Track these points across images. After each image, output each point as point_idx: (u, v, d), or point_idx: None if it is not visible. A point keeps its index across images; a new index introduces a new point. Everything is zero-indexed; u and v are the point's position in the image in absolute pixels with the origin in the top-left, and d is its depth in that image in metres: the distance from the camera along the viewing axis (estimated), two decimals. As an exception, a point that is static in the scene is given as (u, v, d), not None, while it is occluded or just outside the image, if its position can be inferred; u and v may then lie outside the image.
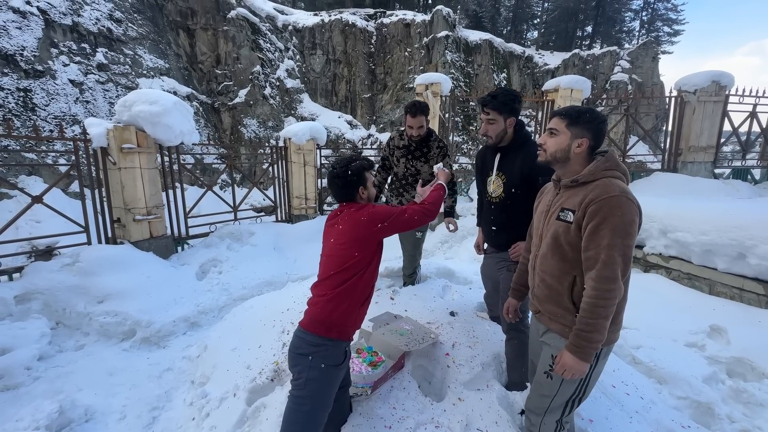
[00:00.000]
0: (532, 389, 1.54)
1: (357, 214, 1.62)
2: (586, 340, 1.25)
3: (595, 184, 1.31)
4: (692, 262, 3.88)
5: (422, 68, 13.98)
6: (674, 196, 4.81)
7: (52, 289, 3.13)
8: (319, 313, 1.54)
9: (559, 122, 1.40)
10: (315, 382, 1.49)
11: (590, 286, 1.26)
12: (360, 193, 1.70)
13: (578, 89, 6.23)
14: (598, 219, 1.25)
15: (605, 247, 1.23)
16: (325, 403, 1.53)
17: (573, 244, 1.34)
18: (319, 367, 1.49)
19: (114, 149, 3.78)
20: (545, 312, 1.47)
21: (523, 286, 1.79)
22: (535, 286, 1.53)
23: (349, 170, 1.67)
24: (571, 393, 1.41)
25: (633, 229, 1.24)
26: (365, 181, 1.71)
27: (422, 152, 2.72)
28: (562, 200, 1.40)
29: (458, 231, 5.95)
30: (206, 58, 12.16)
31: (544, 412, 1.46)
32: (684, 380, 2.52)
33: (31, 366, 2.61)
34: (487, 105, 1.92)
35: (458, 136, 13.09)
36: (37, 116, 7.53)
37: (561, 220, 1.38)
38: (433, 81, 6.33)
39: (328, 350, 1.51)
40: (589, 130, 1.35)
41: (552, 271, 1.42)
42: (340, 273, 1.54)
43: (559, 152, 1.39)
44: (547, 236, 1.43)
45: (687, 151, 6.46)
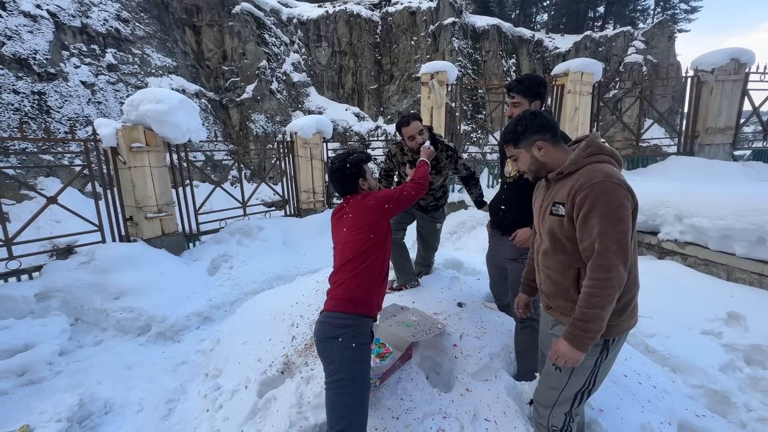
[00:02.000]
0: (541, 381, 1.53)
1: (363, 201, 1.72)
2: (580, 330, 1.24)
3: (580, 173, 1.30)
4: (709, 247, 3.77)
5: (429, 57, 13.76)
6: (690, 181, 4.66)
7: (70, 286, 3.23)
8: (344, 292, 1.60)
9: (509, 150, 1.49)
10: (351, 362, 1.51)
11: (587, 276, 1.25)
12: (361, 185, 1.79)
13: (589, 72, 6.03)
14: (585, 208, 1.23)
15: (597, 235, 1.21)
16: (365, 382, 1.54)
17: (570, 237, 1.33)
18: (351, 347, 1.51)
19: (123, 149, 3.85)
20: (555, 307, 1.46)
21: (533, 281, 1.77)
22: (542, 282, 1.53)
23: (347, 164, 1.73)
24: (580, 385, 1.39)
25: (624, 214, 1.21)
26: (364, 173, 1.79)
27: (431, 165, 2.49)
28: (553, 194, 1.40)
29: (467, 221, 5.95)
30: (213, 55, 12.21)
31: (552, 405, 1.45)
32: (699, 369, 2.46)
33: (52, 361, 2.71)
34: (513, 89, 2.02)
35: (466, 124, 12.90)
36: (52, 118, 7.71)
37: (554, 215, 1.37)
38: (439, 69, 6.22)
39: (357, 329, 1.55)
40: (533, 134, 1.39)
41: (555, 267, 1.41)
42: (359, 255, 1.63)
43: (533, 165, 1.44)
44: (545, 233, 1.43)
45: (704, 133, 6.23)
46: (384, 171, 2.90)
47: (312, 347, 2.44)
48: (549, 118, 1.43)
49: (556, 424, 1.45)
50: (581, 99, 6.14)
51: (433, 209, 2.86)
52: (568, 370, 1.37)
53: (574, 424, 1.48)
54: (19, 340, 2.70)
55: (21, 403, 2.35)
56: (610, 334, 1.32)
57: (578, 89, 6.06)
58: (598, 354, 1.34)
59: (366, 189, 1.81)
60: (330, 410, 1.50)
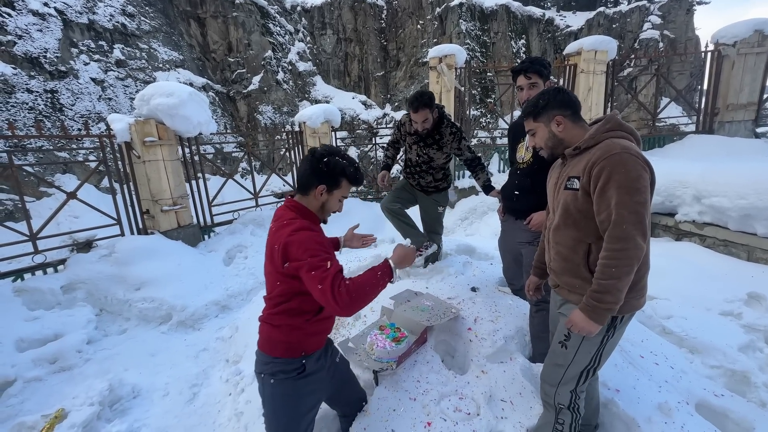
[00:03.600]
0: (548, 359, 1.54)
1: (278, 233, 1.30)
2: (596, 300, 1.24)
3: (597, 147, 1.29)
4: (729, 228, 3.68)
5: (435, 41, 13.47)
6: (710, 160, 4.52)
7: (93, 278, 3.34)
8: (263, 330, 1.42)
9: (528, 123, 1.48)
10: (269, 402, 1.42)
11: (603, 248, 1.25)
12: (317, 193, 1.38)
13: (603, 50, 5.83)
14: (603, 179, 1.22)
15: (615, 206, 1.20)
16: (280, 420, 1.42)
17: (583, 210, 1.32)
18: (269, 383, 1.39)
19: (137, 143, 3.91)
20: (563, 285, 1.46)
21: (544, 264, 1.76)
22: (551, 259, 1.52)
23: (326, 157, 1.37)
24: (585, 363, 1.40)
25: (641, 185, 1.19)
26: (333, 186, 1.39)
27: (434, 140, 2.63)
28: (568, 169, 1.40)
29: (479, 207, 5.91)
30: (218, 47, 12.18)
31: (558, 383, 1.46)
32: (718, 349, 2.44)
33: (81, 349, 2.84)
34: (528, 70, 2.00)
35: (476, 109, 12.68)
36: (65, 116, 7.85)
37: (568, 189, 1.36)
38: (447, 53, 6.09)
39: (276, 366, 1.38)
40: (553, 108, 1.39)
41: (566, 242, 1.40)
42: (274, 297, 1.37)
43: (549, 141, 1.43)
44: (558, 208, 1.43)
45: (725, 110, 6.00)
46: (391, 141, 2.95)
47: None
48: (572, 95, 1.43)
49: (562, 402, 1.47)
50: (595, 78, 5.96)
51: (434, 191, 2.82)
52: (573, 348, 1.39)
53: (580, 401, 1.49)
54: (49, 330, 2.83)
55: (55, 389, 2.47)
56: (619, 312, 1.32)
57: (592, 68, 5.88)
58: (604, 332, 1.35)
59: (317, 204, 1.41)
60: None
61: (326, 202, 1.42)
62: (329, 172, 1.37)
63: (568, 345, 1.40)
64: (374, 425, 1.73)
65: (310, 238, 1.28)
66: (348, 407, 1.77)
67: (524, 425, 1.72)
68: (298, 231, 1.28)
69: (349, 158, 1.43)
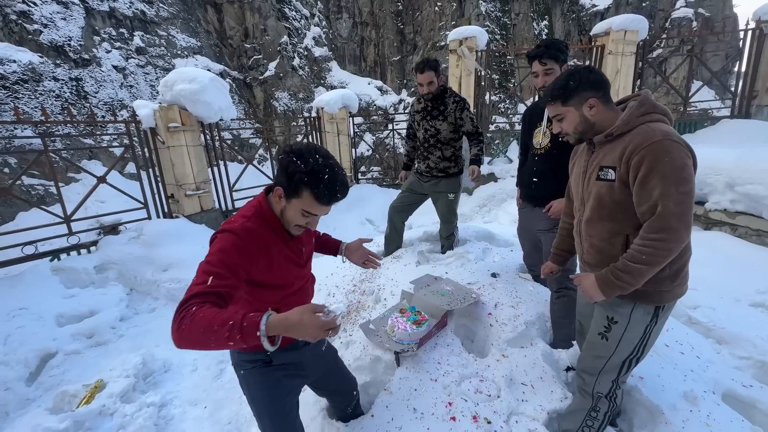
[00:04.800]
0: (586, 350, 1.51)
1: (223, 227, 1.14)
2: (614, 276, 1.22)
3: (633, 134, 1.21)
4: (763, 217, 3.52)
5: (454, 23, 13.09)
6: (746, 146, 4.30)
7: (123, 259, 3.49)
8: None
9: (555, 108, 1.35)
10: (246, 392, 1.36)
11: (640, 236, 1.19)
12: (276, 196, 1.17)
13: (633, 30, 5.55)
14: (644, 170, 1.14)
15: (659, 197, 1.13)
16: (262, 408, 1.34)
17: (620, 202, 1.25)
18: (240, 375, 1.34)
19: (161, 129, 3.99)
20: None
21: (564, 251, 1.75)
22: (584, 252, 1.46)
23: (291, 155, 1.10)
24: (628, 353, 1.37)
25: (687, 173, 1.12)
26: (291, 194, 1.13)
27: (439, 110, 2.67)
28: (599, 158, 1.32)
29: (497, 194, 5.83)
30: (235, 33, 12.19)
31: (598, 373, 1.44)
32: (747, 340, 2.37)
33: (114, 326, 2.99)
34: (544, 56, 1.94)
35: (495, 94, 12.35)
36: (90, 103, 8.07)
37: (602, 180, 1.29)
38: (468, 35, 5.92)
39: (243, 357, 1.31)
40: (586, 89, 1.28)
41: (601, 234, 1.35)
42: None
43: (580, 126, 1.33)
44: (590, 199, 1.35)
45: (764, 93, 5.66)
46: (408, 132, 3.06)
47: (349, 314, 2.54)
48: (603, 75, 1.34)
49: (602, 391, 1.45)
50: (623, 60, 5.69)
51: (443, 176, 2.80)
52: (615, 340, 1.35)
53: (620, 391, 1.48)
54: (85, 307, 2.98)
55: (92, 362, 2.62)
56: (662, 301, 1.29)
57: (620, 49, 5.61)
58: (648, 321, 1.32)
59: (278, 208, 1.18)
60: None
61: (284, 210, 1.17)
62: (288, 175, 1.09)
63: (609, 337, 1.37)
64: (396, 404, 1.77)
65: (222, 247, 1.05)
66: (337, 396, 1.71)
67: (545, 408, 1.73)
68: (224, 231, 1.10)
69: (323, 165, 1.09)
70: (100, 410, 2.08)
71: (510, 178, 6.07)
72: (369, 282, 2.82)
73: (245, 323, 0.89)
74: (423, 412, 1.71)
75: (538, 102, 2.19)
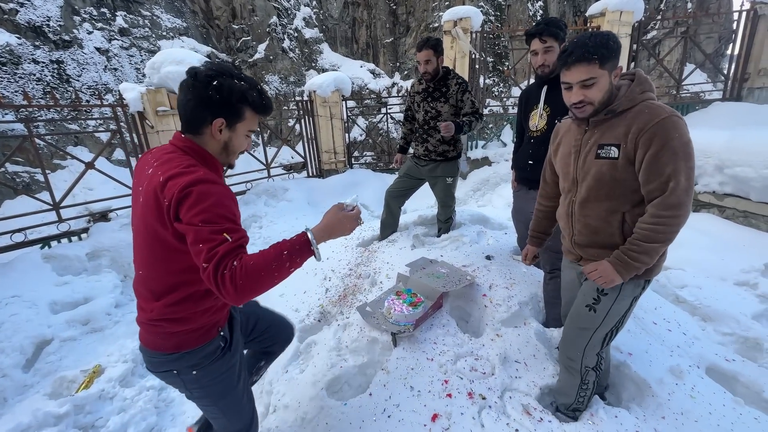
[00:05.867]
0: (570, 324, 1.53)
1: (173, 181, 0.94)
2: (632, 258, 1.23)
3: (636, 111, 1.21)
4: (750, 198, 3.60)
5: (447, 4, 12.79)
6: (736, 128, 4.35)
7: (116, 246, 3.46)
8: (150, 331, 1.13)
9: (589, 69, 1.18)
10: (203, 395, 1.22)
11: (651, 213, 1.20)
12: (214, 130, 1.03)
13: (629, 11, 5.49)
14: (655, 146, 1.15)
15: (671, 174, 1.15)
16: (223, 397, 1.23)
17: (622, 180, 1.25)
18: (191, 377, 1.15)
19: (150, 113, 3.90)
20: (590, 257, 1.43)
21: (542, 233, 1.78)
22: (575, 233, 1.45)
23: (215, 80, 0.98)
24: (613, 324, 1.41)
25: (691, 149, 1.16)
26: (235, 118, 1.04)
27: (441, 92, 2.65)
28: (596, 136, 1.29)
29: (491, 178, 5.84)
30: (222, 13, 11.79)
31: (584, 347, 1.47)
32: (731, 317, 2.46)
33: (110, 312, 2.98)
34: (543, 33, 1.91)
35: (488, 77, 12.22)
36: (73, 87, 7.80)
37: (603, 158, 1.27)
38: (463, 15, 5.80)
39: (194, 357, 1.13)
40: (617, 55, 1.20)
41: (598, 214, 1.34)
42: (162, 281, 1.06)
43: (606, 94, 1.23)
44: (587, 179, 1.33)
45: (756, 76, 5.69)
46: (406, 114, 3.02)
47: (346, 298, 2.57)
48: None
49: (589, 364, 1.50)
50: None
51: (442, 160, 2.79)
52: (604, 311, 1.38)
53: (602, 362, 1.54)
54: (79, 294, 2.97)
55: (89, 348, 2.62)
56: (651, 274, 1.33)
57: (616, 30, 5.55)
58: (637, 293, 1.36)
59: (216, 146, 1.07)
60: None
61: (229, 141, 1.08)
62: (225, 99, 1.00)
63: (597, 308, 1.39)
64: (393, 382, 1.81)
65: (213, 198, 0.93)
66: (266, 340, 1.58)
67: (537, 384, 1.79)
68: (197, 183, 0.92)
69: (247, 78, 1.05)
70: (100, 394, 2.10)
71: (504, 162, 6.08)
72: (365, 266, 2.83)
73: (297, 246, 1.00)
74: (420, 389, 1.76)
75: (535, 82, 2.16)
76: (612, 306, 1.37)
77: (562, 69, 1.25)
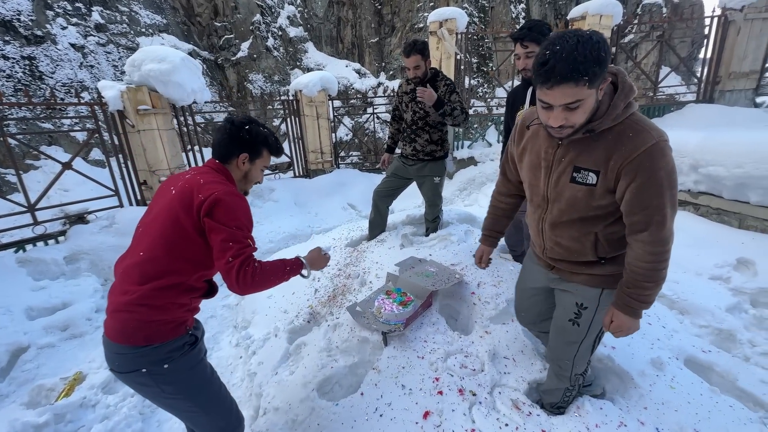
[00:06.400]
0: (556, 338, 1.49)
1: (208, 186, 1.21)
2: (643, 302, 1.18)
3: (619, 132, 1.06)
4: (723, 196, 3.76)
5: (432, 5, 12.89)
6: (709, 129, 4.54)
7: (95, 249, 3.34)
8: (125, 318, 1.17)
9: (576, 91, 0.98)
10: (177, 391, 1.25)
11: (645, 251, 1.12)
12: (239, 162, 1.37)
13: (608, 15, 5.65)
14: (641, 178, 1.05)
15: (657, 207, 1.07)
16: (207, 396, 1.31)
17: (600, 207, 1.17)
18: (162, 372, 1.19)
19: (130, 112, 3.78)
20: (562, 268, 1.39)
21: (498, 233, 1.69)
22: (546, 248, 1.39)
23: (247, 125, 1.36)
24: (597, 331, 1.43)
25: (676, 175, 1.09)
26: (256, 155, 1.39)
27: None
28: (571, 156, 1.14)
29: (477, 178, 5.92)
30: (203, 10, 11.54)
31: (573, 357, 1.47)
32: (707, 310, 2.56)
33: (90, 317, 2.88)
34: (526, 38, 1.94)
35: (473, 78, 12.36)
36: (46, 84, 7.50)
37: (579, 183, 1.15)
38: (448, 16, 5.86)
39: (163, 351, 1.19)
40: (608, 64, 1.01)
41: (571, 235, 1.27)
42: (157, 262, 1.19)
43: (591, 114, 1.06)
44: (560, 201, 1.22)
45: (726, 79, 5.95)
46: (393, 114, 3.03)
47: (335, 298, 2.56)
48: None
49: (578, 371, 1.53)
50: (597, 45, 5.80)
51: (429, 159, 2.81)
52: (586, 323, 1.38)
53: (589, 365, 1.58)
54: (57, 299, 2.85)
55: (68, 354, 2.53)
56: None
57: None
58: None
59: (239, 174, 1.40)
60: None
61: (249, 172, 1.42)
62: (251, 140, 1.37)
63: (580, 322, 1.38)
64: (385, 381, 1.82)
65: (244, 209, 1.25)
66: None
67: (525, 379, 1.82)
68: (233, 195, 1.22)
69: (268, 128, 1.46)
70: (82, 402, 2.03)
71: (489, 161, 6.17)
72: (354, 266, 2.83)
73: (295, 266, 1.40)
74: (411, 388, 1.77)
75: (521, 84, 2.21)
76: (594, 317, 1.37)
77: (540, 85, 1.01)
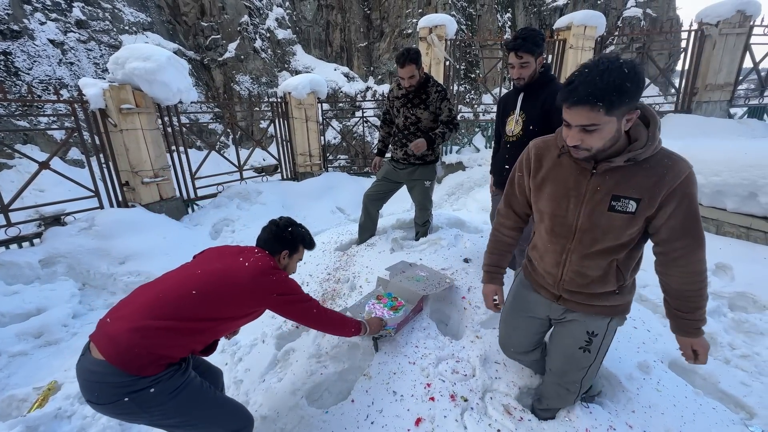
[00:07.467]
0: (567, 364, 1.47)
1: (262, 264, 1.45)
2: (703, 321, 1.22)
3: (656, 161, 1.07)
4: (702, 203, 3.89)
5: (420, 11, 13.04)
6: (687, 138, 4.71)
7: (73, 252, 3.21)
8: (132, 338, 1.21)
9: (591, 115, 0.96)
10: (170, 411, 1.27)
11: (692, 273, 1.17)
12: (282, 256, 1.62)
13: (592, 26, 5.83)
14: (684, 204, 1.08)
15: (698, 230, 1.12)
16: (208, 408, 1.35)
17: (630, 233, 1.15)
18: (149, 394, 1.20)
19: (113, 110, 3.66)
20: (577, 300, 1.35)
21: (503, 269, 1.59)
22: (564, 279, 1.33)
23: (290, 227, 1.64)
24: (605, 353, 1.46)
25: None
26: (294, 251, 1.66)
27: (421, 99, 2.67)
28: (610, 185, 1.11)
29: (465, 182, 5.97)
30: (189, 9, 11.35)
31: (582, 379, 1.49)
32: (688, 314, 2.63)
33: (67, 323, 2.76)
34: (520, 48, 1.91)
35: (460, 84, 12.53)
36: (22, 81, 7.22)
37: (618, 212, 1.11)
38: (438, 23, 5.93)
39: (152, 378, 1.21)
40: (636, 96, 0.96)
41: (599, 264, 1.24)
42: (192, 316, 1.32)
43: (610, 142, 1.04)
44: (593, 231, 1.18)
45: (703, 90, 6.20)
46: (384, 117, 3.00)
47: (324, 303, 2.52)
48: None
49: (586, 388, 1.56)
50: (583, 54, 5.98)
51: (420, 164, 2.82)
52: (596, 349, 1.40)
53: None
54: (30, 305, 2.72)
55: (42, 363, 2.41)
56: (629, 309, 1.41)
57: (581, 44, 5.87)
58: (621, 325, 1.45)
59: (282, 265, 1.63)
60: None
61: (287, 266, 1.66)
62: (293, 240, 1.64)
63: (590, 349, 1.39)
64: (376, 387, 1.79)
65: (295, 284, 1.56)
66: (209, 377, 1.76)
67: (516, 384, 1.82)
68: (286, 277, 1.52)
69: (304, 227, 1.73)
70: (56, 413, 1.93)
71: (477, 166, 6.24)
72: (344, 270, 2.80)
73: (357, 327, 1.74)
74: (402, 394, 1.75)
75: (511, 90, 2.22)
76: (602, 341, 1.40)
77: (563, 103, 1.02)
